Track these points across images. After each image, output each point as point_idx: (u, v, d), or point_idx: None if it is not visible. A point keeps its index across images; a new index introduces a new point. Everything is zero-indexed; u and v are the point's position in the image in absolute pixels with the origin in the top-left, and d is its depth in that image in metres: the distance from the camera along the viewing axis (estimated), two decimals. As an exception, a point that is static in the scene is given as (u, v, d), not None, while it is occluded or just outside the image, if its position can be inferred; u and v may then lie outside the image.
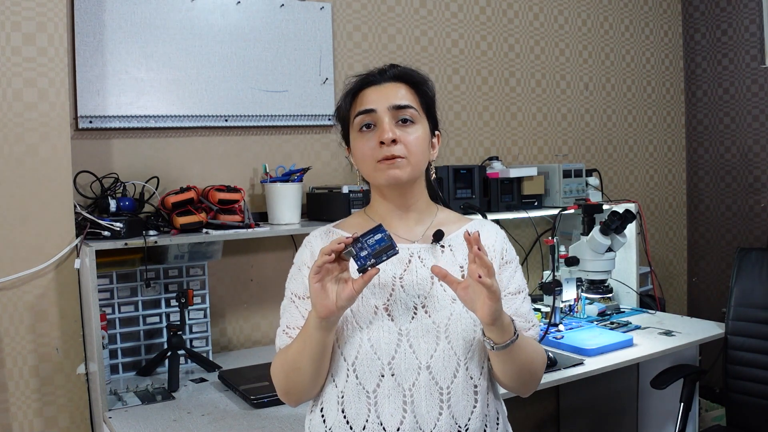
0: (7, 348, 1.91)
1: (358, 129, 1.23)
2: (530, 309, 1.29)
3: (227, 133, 2.42)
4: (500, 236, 1.30)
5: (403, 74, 1.26)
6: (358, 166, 1.26)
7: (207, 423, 1.74)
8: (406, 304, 1.20)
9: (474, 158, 2.95)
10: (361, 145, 1.22)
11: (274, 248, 2.49)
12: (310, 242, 1.29)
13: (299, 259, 1.29)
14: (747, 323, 2.49)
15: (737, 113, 3.37)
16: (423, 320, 1.19)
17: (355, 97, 1.26)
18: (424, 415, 1.15)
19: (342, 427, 1.18)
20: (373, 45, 2.70)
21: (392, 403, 1.15)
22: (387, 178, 1.20)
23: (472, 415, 1.18)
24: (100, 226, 1.95)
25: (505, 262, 1.27)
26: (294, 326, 1.24)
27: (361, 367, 1.17)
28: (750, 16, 3.27)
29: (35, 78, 1.90)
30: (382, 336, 1.17)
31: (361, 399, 1.17)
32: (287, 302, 1.27)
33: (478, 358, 1.20)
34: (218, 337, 2.42)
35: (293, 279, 1.27)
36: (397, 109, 1.21)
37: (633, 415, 2.78)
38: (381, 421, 1.15)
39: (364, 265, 1.08)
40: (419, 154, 1.22)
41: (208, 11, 2.34)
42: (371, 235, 1.08)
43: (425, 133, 1.25)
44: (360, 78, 1.27)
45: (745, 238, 3.37)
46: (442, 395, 1.16)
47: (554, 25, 3.16)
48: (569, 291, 2.69)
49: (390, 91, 1.23)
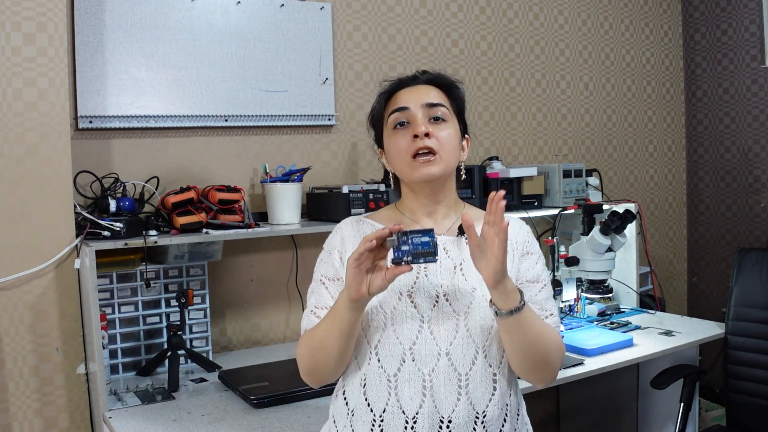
0: (7, 348, 1.91)
1: (392, 127, 1.29)
2: (548, 299, 1.29)
3: (227, 133, 2.42)
4: (524, 230, 1.35)
5: (435, 78, 1.33)
6: (392, 164, 1.31)
7: (207, 423, 1.74)
8: (428, 292, 1.23)
9: (474, 158, 2.94)
10: (396, 141, 1.27)
11: (274, 248, 2.49)
12: (341, 228, 1.34)
13: (330, 243, 1.33)
14: (747, 323, 2.49)
15: (737, 113, 3.37)
16: (444, 308, 1.22)
17: (389, 98, 1.32)
18: (443, 400, 1.18)
19: (363, 410, 1.22)
20: (373, 45, 2.70)
21: (412, 387, 1.19)
22: (420, 175, 1.24)
23: (490, 402, 1.21)
24: (100, 226, 1.95)
25: (526, 252, 1.31)
26: (323, 306, 1.27)
27: (383, 351, 1.21)
28: (750, 16, 3.27)
29: (35, 78, 1.90)
30: (405, 322, 1.21)
31: (382, 382, 1.21)
32: (316, 284, 1.30)
33: (496, 347, 1.23)
34: (218, 337, 2.42)
35: (323, 262, 1.31)
36: (429, 106, 1.27)
37: (633, 415, 2.78)
38: (401, 405, 1.19)
39: (400, 258, 1.10)
40: (450, 150, 1.27)
41: (208, 11, 2.34)
42: (419, 235, 1.10)
43: (456, 132, 1.30)
44: (394, 81, 1.34)
45: (745, 238, 3.37)
46: (461, 381, 1.19)
47: (554, 25, 3.16)
48: (569, 291, 2.69)
49: (422, 92, 1.29)
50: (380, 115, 1.33)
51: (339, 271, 1.28)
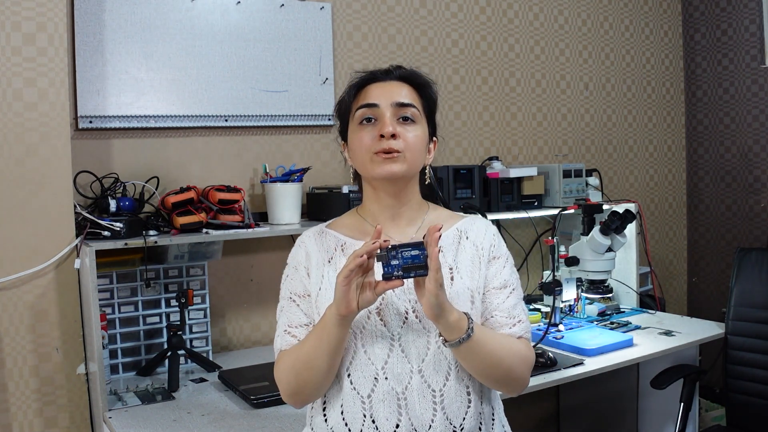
0: (7, 348, 1.91)
1: (358, 122, 1.24)
2: (517, 305, 1.26)
3: (227, 133, 2.42)
4: (490, 232, 1.30)
5: (409, 75, 1.28)
6: (353, 160, 1.27)
7: (207, 423, 1.74)
8: (397, 308, 1.20)
9: (474, 158, 2.95)
10: (360, 137, 1.23)
11: (274, 248, 2.49)
12: (304, 242, 1.30)
13: (294, 259, 1.29)
14: (747, 323, 2.49)
15: (737, 113, 3.37)
16: (414, 325, 1.20)
17: (359, 91, 1.28)
18: (419, 417, 1.16)
19: (341, 429, 1.19)
20: (373, 45, 2.70)
21: (387, 407, 1.17)
22: (382, 171, 1.20)
23: (466, 415, 1.19)
24: (100, 226, 1.95)
25: (493, 257, 1.27)
26: (297, 324, 1.24)
27: (355, 373, 1.19)
28: (750, 16, 3.27)
29: (35, 78, 1.90)
30: (375, 341, 1.19)
31: (356, 404, 1.18)
32: (286, 302, 1.27)
33: None
34: (218, 337, 2.42)
35: (290, 279, 1.28)
36: (399, 106, 1.23)
37: (633, 415, 2.78)
38: (377, 426, 1.16)
39: (391, 273, 1.08)
40: (416, 152, 1.23)
41: (208, 11, 2.34)
42: (409, 249, 1.08)
43: (424, 134, 1.26)
44: (365, 74, 1.29)
45: (745, 238, 3.37)
46: (435, 397, 1.17)
47: (554, 25, 3.16)
48: (569, 291, 2.69)
49: (394, 89, 1.25)
50: (348, 107, 1.28)
51: (308, 286, 1.25)
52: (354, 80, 1.30)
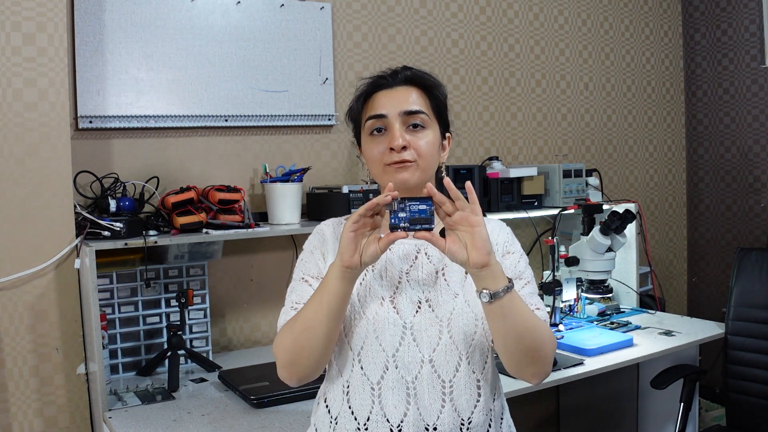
0: (7, 348, 1.91)
1: (369, 132, 1.25)
2: (533, 294, 1.25)
3: (227, 133, 2.42)
4: (504, 230, 1.32)
5: (415, 78, 1.27)
6: (369, 167, 1.29)
7: (207, 423, 1.74)
8: (411, 298, 1.21)
9: (474, 158, 2.95)
10: (371, 149, 1.24)
11: (274, 248, 2.49)
12: (322, 229, 1.32)
13: (311, 243, 1.30)
14: (747, 323, 2.49)
15: (737, 113, 3.37)
16: (426, 314, 1.20)
17: (366, 99, 1.28)
18: (427, 408, 1.17)
19: (347, 418, 1.20)
20: (373, 45, 2.70)
21: (396, 395, 1.17)
22: (395, 181, 1.19)
23: (475, 409, 1.19)
24: (100, 226, 1.95)
25: (507, 251, 1.28)
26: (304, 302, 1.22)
27: (366, 359, 1.19)
28: (750, 16, 3.27)
29: (35, 78, 1.90)
30: (387, 328, 1.19)
31: (365, 390, 1.19)
32: (297, 283, 1.26)
33: (479, 354, 1.21)
34: (218, 337, 2.42)
35: (305, 262, 1.28)
36: (407, 114, 1.23)
37: (633, 415, 2.78)
38: (385, 413, 1.17)
39: (397, 225, 1.09)
40: (429, 158, 1.24)
41: (208, 11, 2.34)
42: (417, 203, 1.10)
43: (435, 137, 1.26)
44: (372, 80, 1.28)
45: (745, 238, 3.37)
46: (444, 388, 1.18)
47: (554, 25, 3.16)
48: (569, 291, 2.69)
49: (401, 96, 1.25)
50: (357, 116, 1.30)
51: (322, 269, 1.25)
52: (361, 88, 1.30)
